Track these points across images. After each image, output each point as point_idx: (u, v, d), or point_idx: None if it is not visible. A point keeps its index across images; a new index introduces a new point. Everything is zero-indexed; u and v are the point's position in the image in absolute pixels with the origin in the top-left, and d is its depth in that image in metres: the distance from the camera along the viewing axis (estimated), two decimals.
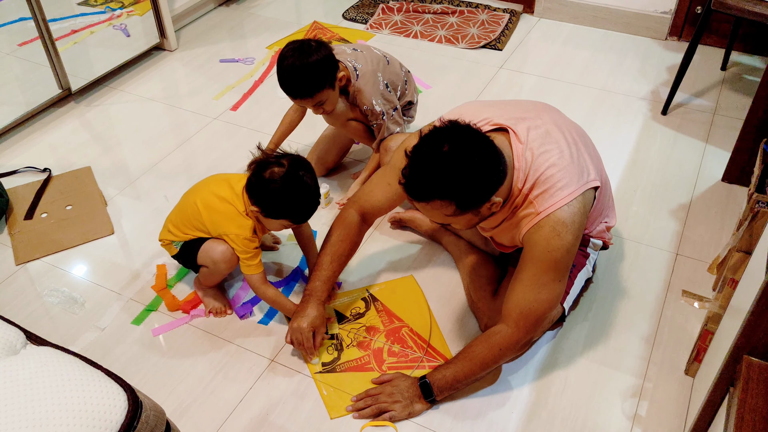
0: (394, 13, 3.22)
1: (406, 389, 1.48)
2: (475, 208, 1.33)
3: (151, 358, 1.63)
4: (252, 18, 3.23)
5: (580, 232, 1.40)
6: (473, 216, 1.36)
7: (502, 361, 1.48)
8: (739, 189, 2.12)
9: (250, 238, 1.58)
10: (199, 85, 2.70)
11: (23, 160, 2.28)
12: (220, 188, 1.61)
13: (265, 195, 1.52)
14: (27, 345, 1.08)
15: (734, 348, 1.08)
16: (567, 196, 1.36)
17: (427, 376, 1.48)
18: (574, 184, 1.38)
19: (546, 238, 1.37)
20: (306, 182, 1.52)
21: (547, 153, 1.39)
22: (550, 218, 1.36)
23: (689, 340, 1.65)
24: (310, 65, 1.74)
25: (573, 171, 1.39)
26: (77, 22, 2.60)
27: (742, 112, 2.29)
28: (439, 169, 1.26)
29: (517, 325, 1.42)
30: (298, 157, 1.55)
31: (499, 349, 1.44)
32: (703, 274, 1.83)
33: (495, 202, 1.34)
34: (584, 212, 1.40)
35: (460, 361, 1.47)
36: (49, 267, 1.88)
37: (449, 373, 1.46)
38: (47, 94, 2.50)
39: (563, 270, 1.41)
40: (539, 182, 1.37)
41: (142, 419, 1.01)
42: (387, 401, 1.47)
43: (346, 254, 1.63)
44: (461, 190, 1.27)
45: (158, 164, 2.27)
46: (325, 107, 1.84)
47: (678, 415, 1.49)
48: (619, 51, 2.90)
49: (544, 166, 1.38)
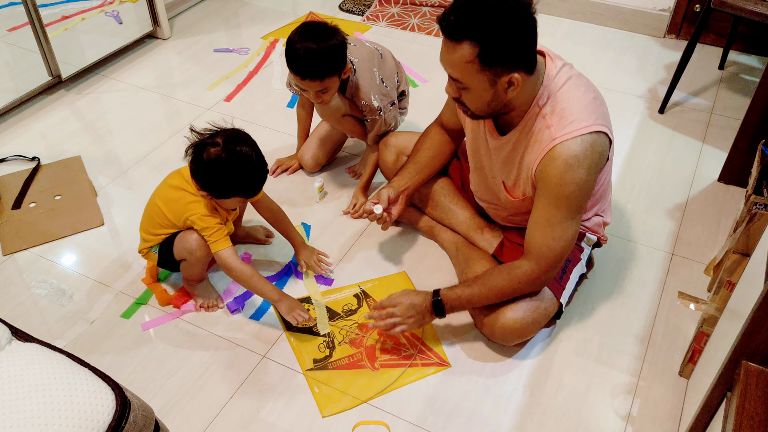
0: (391, 5, 3.19)
1: (419, 304, 1.53)
2: (498, 65, 1.31)
3: (140, 353, 1.60)
4: (247, 7, 3.19)
5: (594, 171, 1.40)
6: (489, 85, 1.34)
7: (518, 294, 1.51)
8: (736, 190, 2.11)
9: (208, 214, 1.55)
10: (192, 74, 2.67)
11: (11, 148, 2.24)
12: (172, 179, 1.61)
13: (209, 178, 1.50)
14: (12, 341, 1.05)
15: (732, 353, 1.07)
16: (583, 128, 1.36)
17: (441, 294, 1.52)
18: (591, 120, 1.38)
19: (559, 171, 1.37)
20: (245, 155, 1.49)
21: (574, 87, 1.41)
22: (564, 147, 1.36)
23: (684, 341, 1.65)
24: (326, 48, 1.71)
25: (593, 110, 1.39)
26: (68, 8, 2.56)
27: (740, 112, 2.28)
28: (477, 9, 1.28)
29: (539, 263, 1.46)
30: (232, 130, 1.53)
31: (518, 283, 1.48)
32: (699, 275, 1.82)
33: (515, 80, 1.33)
34: (600, 153, 1.39)
35: (477, 286, 1.51)
36: (37, 258, 1.85)
37: (464, 295, 1.51)
38: (37, 81, 2.46)
39: (575, 207, 1.42)
40: (558, 107, 1.39)
41: (131, 419, 0.99)
42: (403, 316, 1.52)
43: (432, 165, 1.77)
44: (492, 35, 1.27)
45: (150, 154, 2.24)
46: (325, 96, 1.81)
47: (672, 417, 1.49)
48: (617, 48, 2.89)
49: (568, 95, 1.39)
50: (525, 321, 1.52)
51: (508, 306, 1.52)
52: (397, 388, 1.53)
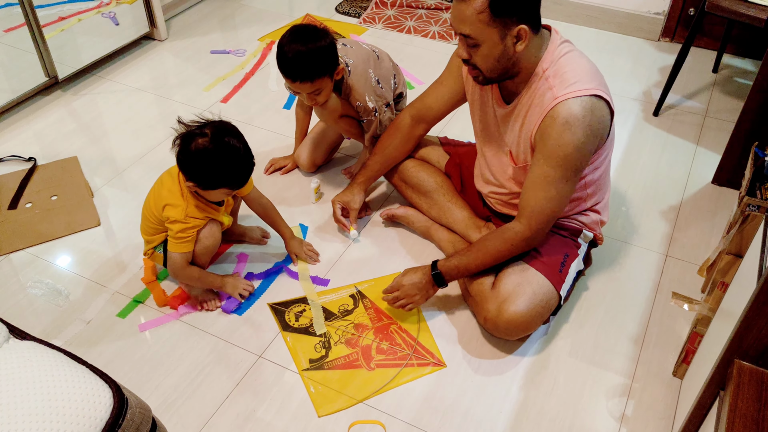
0: (388, 8, 3.20)
1: (419, 281, 1.61)
2: (507, 15, 1.37)
3: (136, 353, 1.61)
4: (244, 9, 3.20)
5: (592, 133, 1.43)
6: (499, 39, 1.40)
7: (512, 255, 1.58)
8: (729, 191, 2.13)
9: (182, 220, 1.57)
10: (189, 76, 2.67)
11: (8, 149, 2.24)
12: (162, 179, 1.63)
13: (195, 168, 1.51)
14: (10, 339, 1.05)
15: (725, 352, 1.08)
16: (584, 89, 1.42)
17: (439, 266, 1.59)
18: (593, 84, 1.43)
19: (558, 131, 1.42)
20: (233, 145, 1.51)
21: (578, 56, 1.48)
22: (564, 106, 1.41)
23: (678, 342, 1.66)
24: (316, 49, 1.72)
25: (595, 77, 1.45)
26: (65, 9, 2.56)
27: (733, 115, 2.30)
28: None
29: (529, 222, 1.52)
30: (220, 122, 1.55)
31: (511, 245, 1.55)
32: (692, 276, 1.84)
33: (523, 32, 1.39)
34: (600, 118, 1.43)
35: (473, 252, 1.58)
36: (33, 258, 1.85)
37: (462, 264, 1.59)
38: (33, 82, 2.46)
39: (572, 169, 1.45)
40: (561, 69, 1.44)
41: (128, 417, 0.99)
42: (408, 296, 1.62)
43: (393, 151, 1.87)
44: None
45: (146, 155, 2.24)
46: (319, 98, 1.82)
47: (665, 417, 1.50)
48: (612, 51, 2.90)
49: (570, 60, 1.46)
50: (529, 314, 1.53)
51: (512, 300, 1.53)
52: (392, 388, 1.54)
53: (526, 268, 1.58)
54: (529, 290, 1.54)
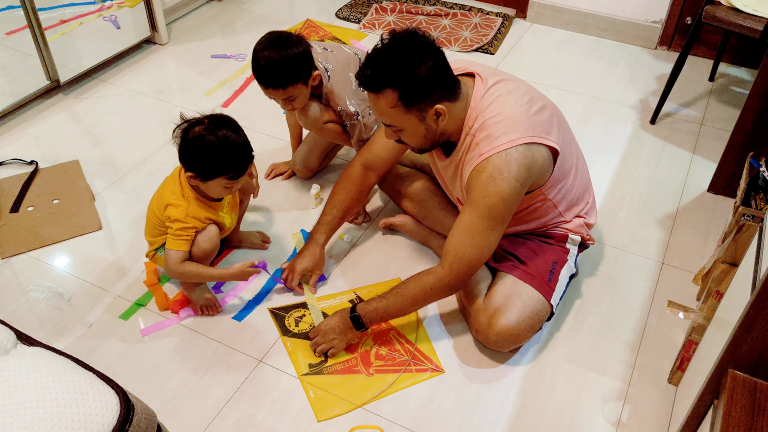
0: (388, 14, 3.22)
1: (336, 326, 1.60)
2: (420, 102, 1.40)
3: (138, 357, 1.62)
4: (244, 14, 3.21)
5: (519, 184, 1.44)
6: (419, 121, 1.44)
7: (431, 301, 1.57)
8: (725, 200, 2.15)
9: (182, 219, 1.59)
10: (190, 80, 2.69)
11: (9, 152, 2.25)
12: (165, 181, 1.67)
13: (193, 155, 1.54)
14: (18, 345, 1.06)
15: (719, 362, 1.10)
16: (509, 142, 1.42)
17: (357, 308, 1.57)
18: (518, 133, 1.43)
19: (483, 183, 1.44)
20: (227, 134, 1.55)
21: (505, 103, 1.47)
22: (489, 162, 1.43)
23: (673, 349, 1.68)
24: (287, 57, 1.74)
25: (523, 123, 1.44)
26: (66, 12, 2.57)
27: (729, 124, 2.32)
28: (387, 58, 1.39)
29: (451, 267, 1.50)
30: (219, 114, 1.59)
31: (430, 289, 1.53)
32: (688, 284, 1.86)
33: (440, 110, 1.42)
34: (527, 166, 1.43)
35: (392, 296, 1.56)
36: (34, 261, 1.86)
37: (380, 307, 1.56)
38: (35, 85, 2.47)
39: (497, 218, 1.46)
40: (486, 125, 1.45)
41: (134, 423, 1.00)
42: (326, 341, 1.60)
43: (347, 202, 1.80)
44: (404, 77, 1.38)
45: (148, 159, 2.25)
46: (295, 104, 1.84)
47: (660, 424, 1.51)
48: (610, 59, 2.93)
49: (495, 111, 1.46)
50: (519, 327, 1.55)
51: (502, 313, 1.54)
52: (391, 394, 1.55)
53: (515, 281, 1.59)
54: (518, 303, 1.56)
